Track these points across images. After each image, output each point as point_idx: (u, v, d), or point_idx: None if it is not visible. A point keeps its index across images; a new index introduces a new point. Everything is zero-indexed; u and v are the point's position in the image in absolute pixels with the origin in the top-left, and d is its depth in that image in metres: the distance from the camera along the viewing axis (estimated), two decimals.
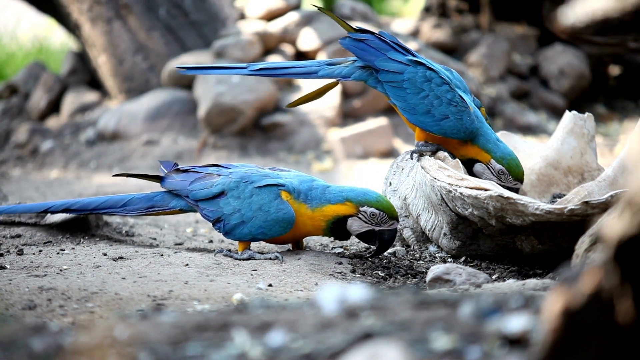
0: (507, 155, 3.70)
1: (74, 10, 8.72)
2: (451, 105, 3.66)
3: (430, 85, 3.69)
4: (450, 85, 3.69)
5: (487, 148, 3.71)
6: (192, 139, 8.12)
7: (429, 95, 3.68)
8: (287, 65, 3.93)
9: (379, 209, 3.52)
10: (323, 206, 3.55)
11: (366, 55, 3.74)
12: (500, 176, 3.68)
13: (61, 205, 3.87)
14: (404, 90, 3.71)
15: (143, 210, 3.80)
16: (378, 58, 3.73)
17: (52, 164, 8.33)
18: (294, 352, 1.71)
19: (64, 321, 2.67)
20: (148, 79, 8.73)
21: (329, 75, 3.84)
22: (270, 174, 3.67)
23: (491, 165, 3.70)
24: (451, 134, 3.68)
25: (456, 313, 1.84)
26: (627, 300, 1.46)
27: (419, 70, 3.71)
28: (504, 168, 3.68)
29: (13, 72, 11.17)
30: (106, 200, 3.85)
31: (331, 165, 7.75)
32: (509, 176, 3.69)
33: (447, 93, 3.67)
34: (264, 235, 3.60)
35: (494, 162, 3.69)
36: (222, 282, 3.18)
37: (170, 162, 3.86)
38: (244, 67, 3.91)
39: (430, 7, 10.45)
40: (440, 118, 3.67)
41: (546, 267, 3.54)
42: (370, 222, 3.53)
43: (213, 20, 8.80)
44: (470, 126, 3.67)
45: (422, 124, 3.70)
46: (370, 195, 3.55)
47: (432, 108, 3.68)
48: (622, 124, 9.70)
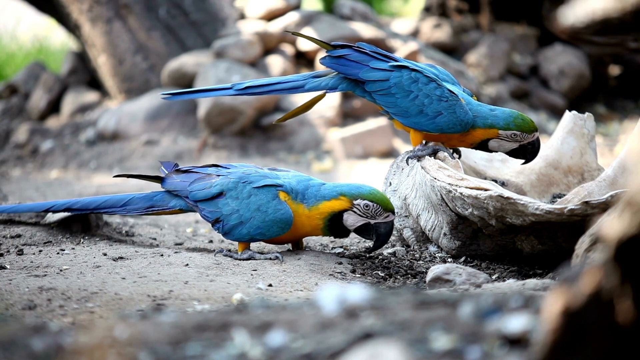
0: (509, 117, 3.71)
1: (74, 10, 8.72)
2: (442, 101, 3.67)
3: (418, 86, 3.70)
4: (437, 82, 3.70)
5: (488, 124, 3.72)
6: (192, 139, 8.12)
7: (418, 95, 3.69)
8: (273, 81, 3.93)
9: (372, 200, 3.51)
10: (319, 203, 3.55)
11: (348, 69, 3.77)
12: (516, 137, 3.70)
13: (62, 205, 3.90)
14: (393, 96, 3.73)
15: (143, 210, 3.82)
16: (361, 70, 3.75)
17: (52, 164, 8.33)
18: (294, 352, 1.71)
19: (64, 321, 2.67)
20: (148, 79, 8.73)
21: (316, 88, 3.86)
22: (269, 175, 3.67)
23: (502, 136, 3.71)
24: (448, 129, 3.69)
25: (456, 313, 1.84)
26: (627, 300, 1.46)
27: (404, 74, 3.72)
28: (515, 131, 3.70)
29: (13, 72, 11.18)
30: (107, 200, 3.87)
31: (331, 165, 7.75)
32: (523, 134, 3.70)
33: (435, 90, 3.69)
34: (262, 236, 3.60)
35: (502, 132, 3.71)
36: (222, 282, 3.18)
37: (171, 163, 3.88)
38: (229, 88, 3.92)
39: (430, 7, 10.46)
40: (434, 116, 3.68)
41: (546, 267, 3.54)
42: (365, 215, 3.53)
43: (213, 20, 8.79)
44: (465, 117, 3.68)
45: (418, 125, 3.71)
46: (363, 188, 3.55)
47: (424, 107, 3.69)
48: (622, 124, 9.71)
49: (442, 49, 9.66)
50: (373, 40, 8.83)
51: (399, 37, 9.13)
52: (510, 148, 3.74)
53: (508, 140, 3.72)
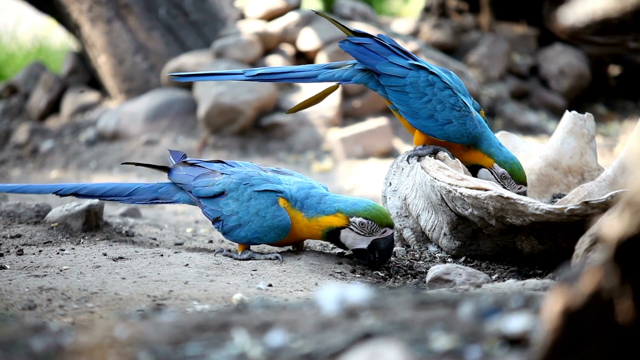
0: (510, 159, 3.70)
1: (74, 10, 8.72)
2: (454, 109, 3.65)
3: (433, 90, 3.67)
4: (452, 90, 3.67)
5: (489, 152, 3.71)
6: (192, 139, 8.12)
7: (432, 99, 3.66)
8: (286, 70, 3.89)
9: (367, 217, 3.46)
10: (318, 217, 3.53)
11: (366, 58, 3.72)
12: (504, 180, 3.69)
13: (70, 189, 3.96)
14: (407, 95, 3.70)
15: (148, 201, 3.86)
16: (379, 62, 3.71)
17: (52, 164, 8.33)
18: (294, 352, 1.71)
19: (64, 321, 2.67)
20: (148, 79, 8.73)
21: (329, 79, 3.81)
22: (271, 178, 3.66)
23: (494, 170, 3.71)
24: (454, 139, 3.68)
25: (456, 313, 1.84)
26: (627, 300, 1.46)
27: (421, 75, 3.68)
28: (507, 172, 3.68)
29: (13, 72, 11.18)
30: (114, 187, 3.92)
31: (331, 166, 7.75)
32: (511, 180, 3.69)
33: (450, 98, 3.66)
34: (260, 240, 3.60)
35: (496, 165, 3.70)
36: (222, 282, 3.18)
37: (180, 152, 3.91)
38: (241, 73, 3.86)
39: (430, 7, 10.46)
40: (444, 123, 3.66)
41: (546, 267, 3.54)
42: (362, 233, 3.48)
43: (213, 20, 8.79)
44: (474, 131, 3.67)
45: (425, 129, 3.69)
46: (359, 204, 3.50)
47: (435, 112, 3.66)
48: (622, 124, 9.70)
49: (442, 49, 9.66)
50: None
51: (399, 37, 9.13)
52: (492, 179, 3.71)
53: (495, 177, 3.70)
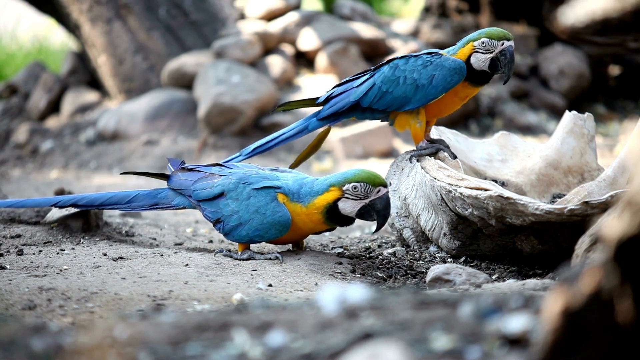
0: (476, 33, 3.75)
1: (74, 10, 8.72)
2: (427, 65, 3.75)
3: (400, 69, 3.78)
4: (410, 55, 3.79)
5: (466, 46, 3.75)
6: (192, 139, 8.12)
7: (405, 76, 3.76)
8: (277, 135, 4.03)
9: (358, 181, 3.51)
10: (314, 199, 3.55)
11: (340, 103, 3.87)
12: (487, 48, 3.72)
13: (69, 200, 3.92)
14: (387, 93, 3.80)
15: (148, 207, 3.85)
16: (350, 95, 3.85)
17: (52, 164, 8.33)
18: (294, 352, 1.71)
19: (64, 321, 2.67)
20: (148, 79, 8.73)
21: (320, 125, 3.98)
22: (269, 176, 3.67)
23: (479, 49, 3.73)
24: (448, 84, 3.74)
25: (456, 313, 1.84)
26: (627, 300, 1.46)
27: (383, 69, 3.81)
28: (484, 38, 3.72)
29: (13, 72, 11.18)
30: (112, 196, 3.90)
31: (331, 165, 7.75)
32: (493, 41, 3.71)
33: (415, 61, 3.77)
34: (261, 238, 3.60)
35: (477, 43, 3.73)
36: (222, 282, 3.18)
37: (178, 160, 3.91)
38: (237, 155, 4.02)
39: (430, 7, 10.46)
40: (430, 81, 3.74)
41: (546, 267, 3.54)
42: (358, 197, 3.52)
43: (213, 20, 8.79)
44: (455, 64, 3.73)
45: (424, 99, 3.75)
46: (348, 172, 3.56)
47: (417, 81, 3.75)
48: (622, 124, 9.70)
49: (442, 49, 9.65)
50: (373, 40, 8.84)
51: (399, 37, 9.13)
52: (488, 59, 3.74)
53: (483, 53, 3.74)
